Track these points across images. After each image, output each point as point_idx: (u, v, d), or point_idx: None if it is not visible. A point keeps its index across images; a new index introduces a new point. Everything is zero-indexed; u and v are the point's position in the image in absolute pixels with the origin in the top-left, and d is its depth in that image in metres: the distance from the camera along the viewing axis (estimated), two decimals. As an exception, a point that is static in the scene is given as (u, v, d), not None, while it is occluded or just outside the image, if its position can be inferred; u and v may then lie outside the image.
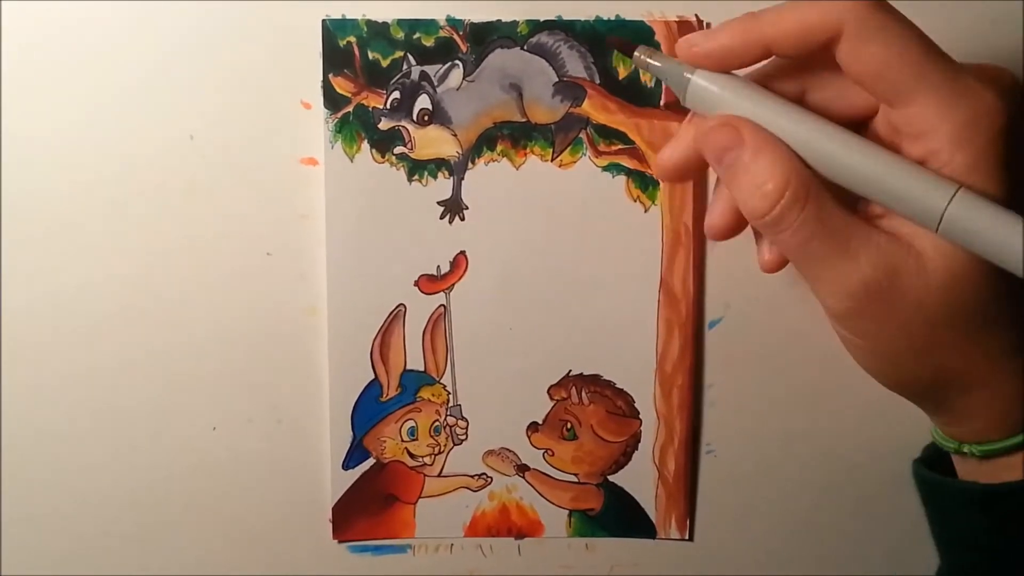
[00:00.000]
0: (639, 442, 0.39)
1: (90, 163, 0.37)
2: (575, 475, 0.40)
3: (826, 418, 0.40)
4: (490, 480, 0.40)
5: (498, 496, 0.40)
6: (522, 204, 0.38)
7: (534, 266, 0.38)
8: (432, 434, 0.39)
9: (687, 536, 0.40)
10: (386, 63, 0.37)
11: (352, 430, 0.39)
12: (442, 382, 0.39)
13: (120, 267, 0.38)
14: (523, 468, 0.40)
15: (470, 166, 0.38)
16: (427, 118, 0.37)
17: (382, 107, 0.37)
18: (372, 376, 0.39)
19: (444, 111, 0.37)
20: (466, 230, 0.38)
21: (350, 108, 0.37)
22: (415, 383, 0.39)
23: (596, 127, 0.37)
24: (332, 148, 0.37)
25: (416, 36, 0.37)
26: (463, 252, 0.38)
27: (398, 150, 0.37)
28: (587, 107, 0.37)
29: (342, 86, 0.37)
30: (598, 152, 0.38)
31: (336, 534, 0.40)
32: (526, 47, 0.37)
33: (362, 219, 0.38)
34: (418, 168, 0.38)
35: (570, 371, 0.39)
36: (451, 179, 0.38)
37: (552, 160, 0.38)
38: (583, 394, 0.39)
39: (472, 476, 0.40)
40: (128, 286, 0.38)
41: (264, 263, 0.38)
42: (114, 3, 0.37)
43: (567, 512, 0.40)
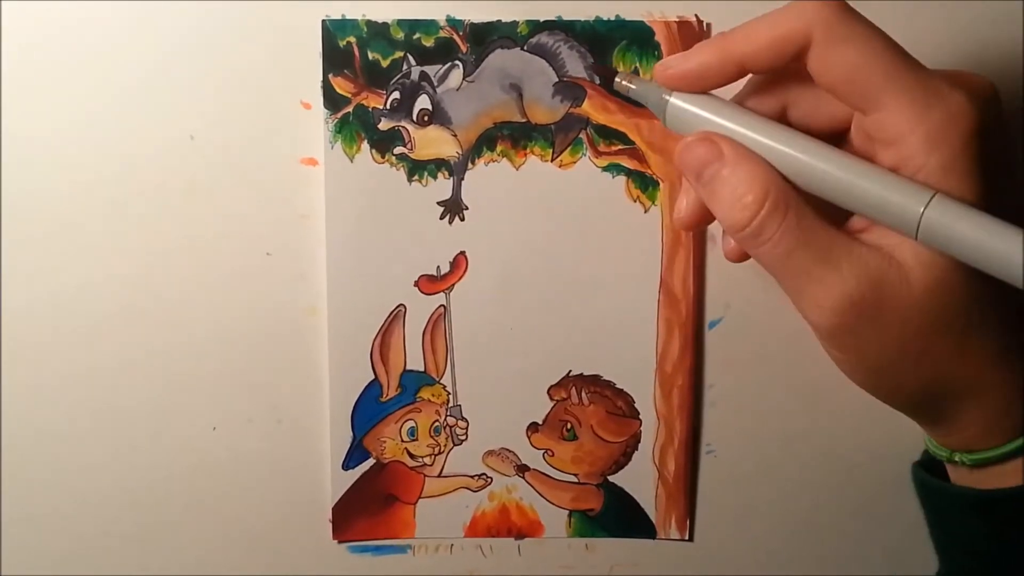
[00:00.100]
0: (639, 442, 0.39)
1: (90, 163, 0.37)
2: (575, 475, 0.40)
3: (826, 418, 0.40)
4: (490, 480, 0.40)
5: (498, 496, 0.40)
6: (522, 204, 0.38)
7: (534, 266, 0.38)
8: (432, 434, 0.39)
9: (687, 536, 0.40)
10: (386, 63, 0.37)
11: (352, 430, 0.39)
12: (442, 382, 0.39)
13: (120, 267, 0.38)
14: (523, 468, 0.40)
15: (470, 166, 0.38)
16: (427, 118, 0.37)
17: (382, 107, 0.37)
18: (372, 376, 0.39)
19: (444, 111, 0.37)
20: (466, 230, 0.38)
21: (350, 108, 0.37)
22: (415, 383, 0.39)
23: (596, 127, 0.37)
24: (332, 148, 0.37)
25: (416, 36, 0.37)
26: (463, 252, 0.38)
27: (398, 150, 0.37)
28: (587, 107, 0.37)
29: (342, 86, 0.37)
30: (598, 152, 0.38)
31: (336, 534, 0.40)
32: (526, 47, 0.37)
33: (362, 219, 0.38)
34: (418, 168, 0.38)
35: (570, 371, 0.39)
36: (451, 179, 0.38)
37: (552, 160, 0.38)
38: (583, 394, 0.39)
39: (472, 476, 0.40)
40: (128, 286, 0.38)
41: (264, 263, 0.38)
42: (114, 3, 0.37)
43: (567, 512, 0.40)
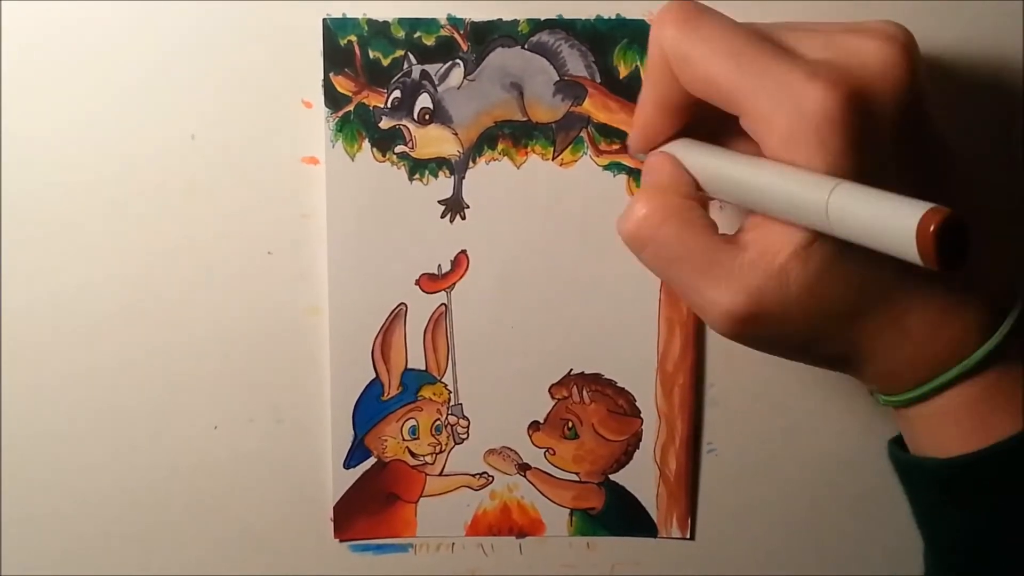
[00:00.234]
0: (640, 441, 0.39)
1: (90, 163, 0.37)
2: (576, 474, 0.40)
3: (827, 417, 0.40)
4: (491, 479, 0.40)
5: (499, 495, 0.40)
6: (523, 203, 0.38)
7: (535, 265, 0.38)
8: (433, 433, 0.39)
9: (688, 535, 0.40)
10: (387, 62, 0.37)
11: (353, 429, 0.39)
12: (443, 381, 0.39)
13: (120, 267, 0.38)
14: (524, 467, 0.40)
15: (471, 165, 0.38)
16: (428, 117, 0.37)
17: (383, 106, 0.37)
18: (373, 375, 0.39)
19: (445, 110, 0.37)
20: (467, 229, 0.38)
21: (351, 107, 0.37)
22: (416, 382, 0.39)
23: (597, 126, 0.37)
24: (333, 147, 0.37)
25: (417, 35, 0.37)
26: (464, 251, 0.38)
27: (399, 149, 0.37)
28: (588, 106, 0.37)
29: (343, 85, 0.37)
30: (599, 151, 0.38)
31: (337, 533, 0.40)
32: (527, 46, 0.37)
33: (363, 218, 0.38)
34: (419, 167, 0.38)
35: (571, 370, 0.39)
36: (452, 178, 0.38)
37: (553, 159, 0.38)
38: (584, 393, 0.39)
39: (473, 475, 0.40)
40: (128, 286, 0.38)
41: (265, 262, 0.38)
42: (114, 3, 0.37)
43: (568, 511, 0.40)
